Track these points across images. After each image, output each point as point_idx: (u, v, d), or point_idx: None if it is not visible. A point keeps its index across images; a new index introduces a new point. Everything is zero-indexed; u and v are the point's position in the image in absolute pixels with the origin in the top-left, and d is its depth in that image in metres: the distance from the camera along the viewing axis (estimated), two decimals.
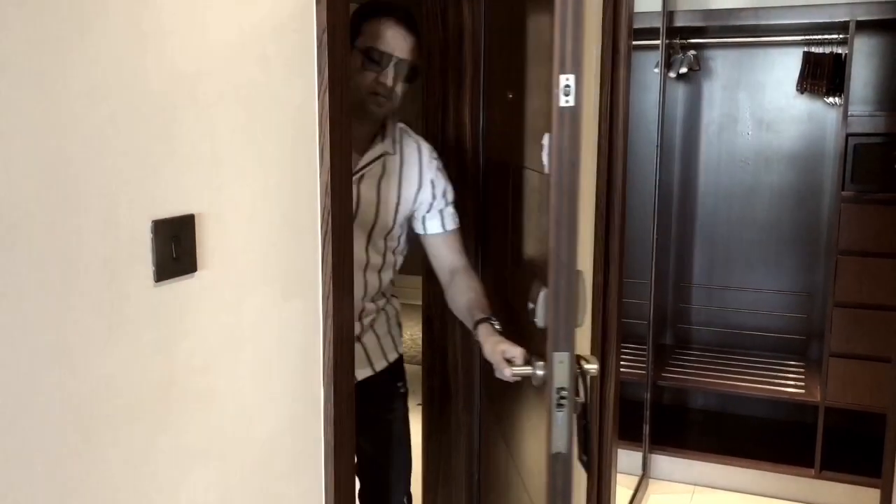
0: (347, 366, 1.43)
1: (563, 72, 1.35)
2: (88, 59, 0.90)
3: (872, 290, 2.97)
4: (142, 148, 0.98)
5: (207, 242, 1.10)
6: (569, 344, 1.43)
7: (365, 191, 1.77)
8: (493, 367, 1.62)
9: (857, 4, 2.91)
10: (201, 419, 1.12)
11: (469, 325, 1.78)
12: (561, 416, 1.43)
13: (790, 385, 3.29)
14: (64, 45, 0.87)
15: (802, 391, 3.21)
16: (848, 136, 2.98)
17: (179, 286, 1.06)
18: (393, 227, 1.83)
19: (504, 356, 1.58)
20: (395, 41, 1.69)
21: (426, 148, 1.88)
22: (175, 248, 1.03)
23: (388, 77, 1.68)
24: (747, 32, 3.30)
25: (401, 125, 1.87)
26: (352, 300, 1.44)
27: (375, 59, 1.68)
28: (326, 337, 1.38)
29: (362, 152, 1.77)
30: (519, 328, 1.70)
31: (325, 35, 1.29)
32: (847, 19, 2.90)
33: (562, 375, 1.43)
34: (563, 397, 1.42)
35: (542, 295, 1.46)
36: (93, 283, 0.92)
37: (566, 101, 1.37)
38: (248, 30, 1.16)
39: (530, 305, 1.53)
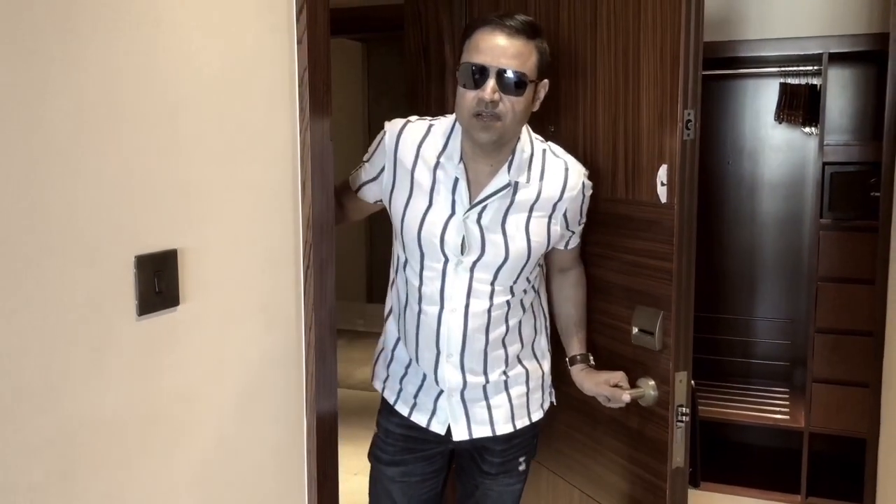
0: (330, 397, 1.45)
1: (686, 107, 1.43)
2: (69, 94, 0.93)
3: (851, 316, 3.00)
4: (124, 184, 1.01)
5: (190, 276, 1.12)
6: (688, 363, 1.51)
7: (488, 226, 1.56)
8: (600, 399, 1.64)
9: (830, 38, 2.99)
10: (184, 450, 1.14)
11: (560, 331, 1.77)
12: (680, 432, 1.51)
13: (775, 411, 3.30)
14: (44, 80, 0.90)
15: (787, 417, 3.23)
16: (824, 164, 3.03)
17: (162, 319, 1.08)
18: (525, 265, 1.60)
19: (610, 384, 1.61)
20: (491, 50, 1.45)
21: (574, 172, 1.61)
22: (158, 282, 1.05)
23: (487, 91, 1.44)
24: (726, 65, 3.36)
25: (544, 146, 1.62)
26: (334, 332, 1.46)
27: (472, 74, 1.46)
28: (309, 368, 1.40)
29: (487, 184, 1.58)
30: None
31: (307, 73, 1.33)
32: (820, 51, 2.97)
33: (681, 393, 1.51)
34: (684, 413, 1.50)
35: (661, 318, 1.52)
36: (76, 317, 0.94)
37: (688, 134, 1.44)
38: (231, 68, 1.20)
39: (635, 330, 1.59)
